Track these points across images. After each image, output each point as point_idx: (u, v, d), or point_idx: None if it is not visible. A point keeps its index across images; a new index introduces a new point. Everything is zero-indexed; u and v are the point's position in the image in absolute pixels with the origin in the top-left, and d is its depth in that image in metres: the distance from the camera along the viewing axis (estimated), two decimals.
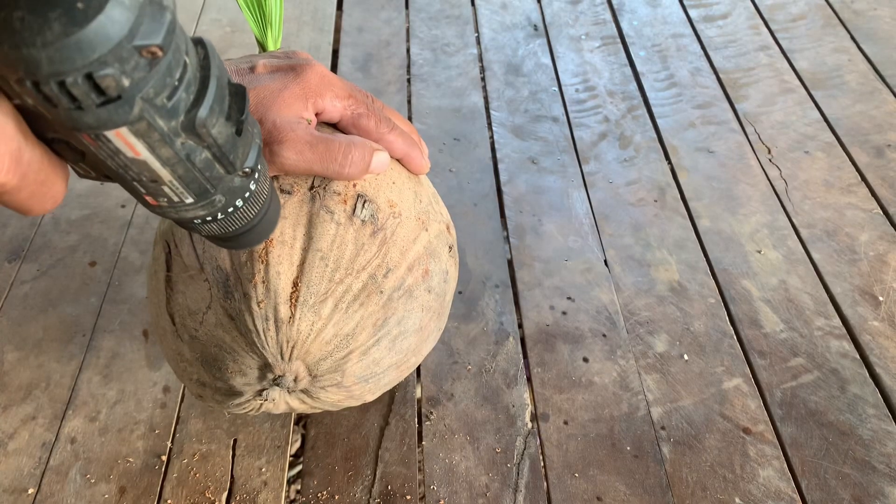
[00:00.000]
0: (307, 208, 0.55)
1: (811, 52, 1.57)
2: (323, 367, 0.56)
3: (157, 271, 0.61)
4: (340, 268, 0.55)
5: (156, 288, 0.61)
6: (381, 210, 0.58)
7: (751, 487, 0.85)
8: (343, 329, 0.55)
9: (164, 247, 0.60)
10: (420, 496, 0.84)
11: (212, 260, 0.54)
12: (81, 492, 0.82)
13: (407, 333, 0.63)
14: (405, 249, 0.61)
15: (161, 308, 0.60)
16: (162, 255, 0.60)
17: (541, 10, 1.70)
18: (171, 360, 0.63)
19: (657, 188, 1.25)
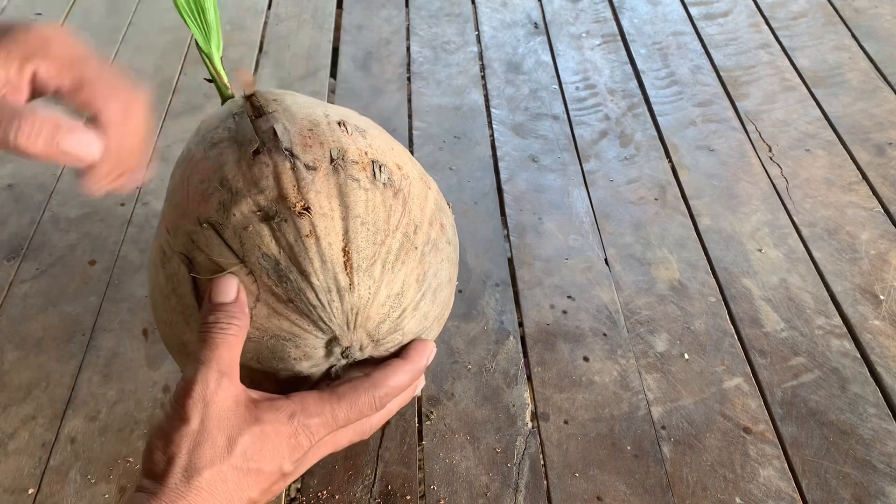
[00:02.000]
0: (334, 180, 0.56)
1: (812, 50, 1.56)
2: (383, 329, 0.58)
3: (178, 288, 0.59)
4: (379, 230, 0.57)
5: (177, 307, 0.59)
6: (393, 173, 0.60)
7: (751, 487, 0.85)
8: (393, 289, 0.57)
9: (183, 261, 0.58)
10: (420, 495, 0.84)
11: (255, 249, 0.54)
12: (81, 492, 0.82)
13: (442, 285, 0.66)
14: (423, 206, 0.63)
15: (191, 324, 0.58)
16: (181, 270, 0.58)
17: (541, 8, 1.70)
18: None
19: (658, 186, 1.25)
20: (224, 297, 0.52)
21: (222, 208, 0.56)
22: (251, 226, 0.55)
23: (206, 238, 0.56)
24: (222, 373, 0.49)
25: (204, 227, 0.56)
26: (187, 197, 0.59)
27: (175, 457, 0.46)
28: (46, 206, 1.16)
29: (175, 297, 0.59)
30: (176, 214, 0.60)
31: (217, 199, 0.57)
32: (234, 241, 0.55)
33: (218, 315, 0.51)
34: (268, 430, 0.49)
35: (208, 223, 0.56)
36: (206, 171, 0.59)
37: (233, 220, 0.55)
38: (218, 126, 0.63)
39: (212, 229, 0.56)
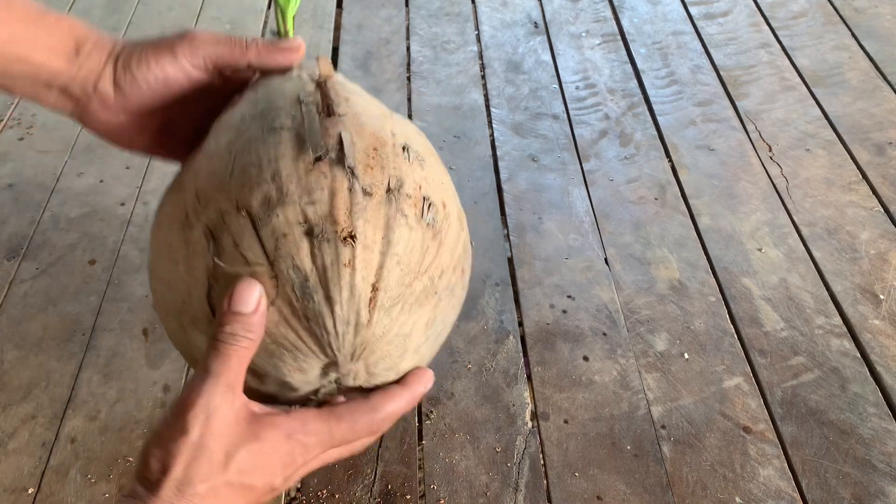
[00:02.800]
0: (384, 210, 0.54)
1: (812, 50, 1.56)
2: (381, 366, 0.56)
3: (192, 259, 0.56)
4: (410, 271, 0.55)
5: (184, 276, 0.56)
6: (438, 212, 0.59)
7: (751, 486, 0.85)
8: (403, 329, 0.55)
9: (207, 235, 0.55)
10: (420, 495, 0.84)
11: (287, 258, 0.52)
12: (81, 491, 0.82)
13: (446, 329, 0.64)
14: (453, 250, 0.61)
15: (195, 297, 0.55)
16: (202, 244, 0.55)
17: (541, 8, 1.70)
18: (195, 350, 0.59)
19: (657, 186, 1.25)
20: (245, 307, 0.50)
21: (267, 204, 0.53)
22: (291, 235, 0.52)
23: (239, 226, 0.53)
24: (229, 386, 0.49)
25: (241, 215, 0.53)
26: (230, 171, 0.55)
27: (171, 468, 0.46)
28: (46, 205, 1.16)
29: (185, 266, 0.56)
30: (212, 182, 0.56)
31: (263, 192, 0.53)
32: (268, 242, 0.52)
33: (235, 326, 0.50)
34: (266, 448, 0.49)
35: (247, 213, 0.53)
36: (258, 156, 0.55)
37: (274, 221, 0.52)
38: (282, 108, 0.59)
39: (249, 221, 0.53)
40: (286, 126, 0.57)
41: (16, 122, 1.31)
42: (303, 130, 0.57)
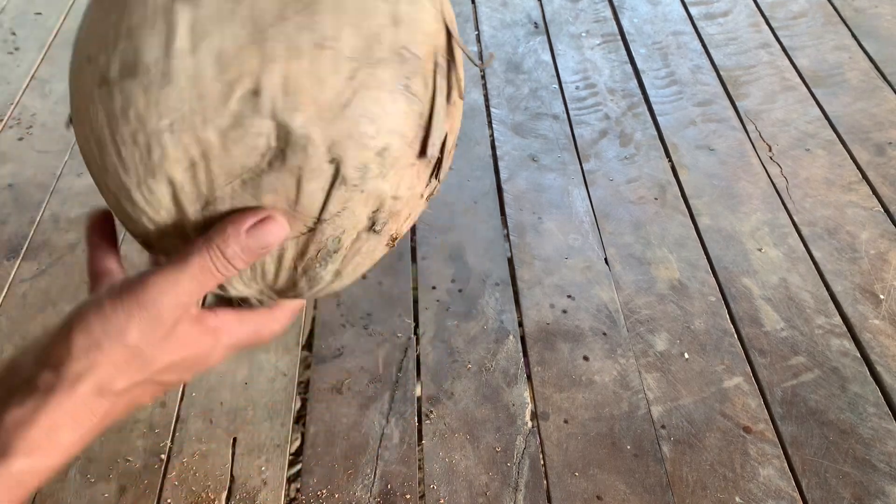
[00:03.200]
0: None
1: (812, 50, 1.56)
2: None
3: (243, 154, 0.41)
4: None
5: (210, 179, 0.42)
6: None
7: (751, 486, 0.85)
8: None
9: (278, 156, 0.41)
10: (420, 495, 0.84)
11: (337, 228, 0.45)
12: (81, 491, 0.82)
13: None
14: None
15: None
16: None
17: (541, 8, 1.70)
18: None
19: (657, 186, 1.25)
20: (265, 241, 0.43)
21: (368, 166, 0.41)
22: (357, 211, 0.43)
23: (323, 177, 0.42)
24: (197, 302, 0.44)
25: (331, 162, 0.41)
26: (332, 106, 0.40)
27: (96, 368, 0.42)
28: (46, 205, 1.16)
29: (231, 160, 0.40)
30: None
31: (374, 151, 0.41)
32: (335, 204, 0.43)
33: (242, 255, 0.43)
34: (192, 353, 0.45)
35: (336, 164, 0.41)
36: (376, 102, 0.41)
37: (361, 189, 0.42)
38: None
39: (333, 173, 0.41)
40: (407, 87, 0.43)
41: (15, 121, 1.31)
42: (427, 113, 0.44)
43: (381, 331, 1.01)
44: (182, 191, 0.41)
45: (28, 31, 1.54)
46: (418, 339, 1.00)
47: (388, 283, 1.07)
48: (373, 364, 0.97)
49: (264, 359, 0.97)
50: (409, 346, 0.99)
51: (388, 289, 1.06)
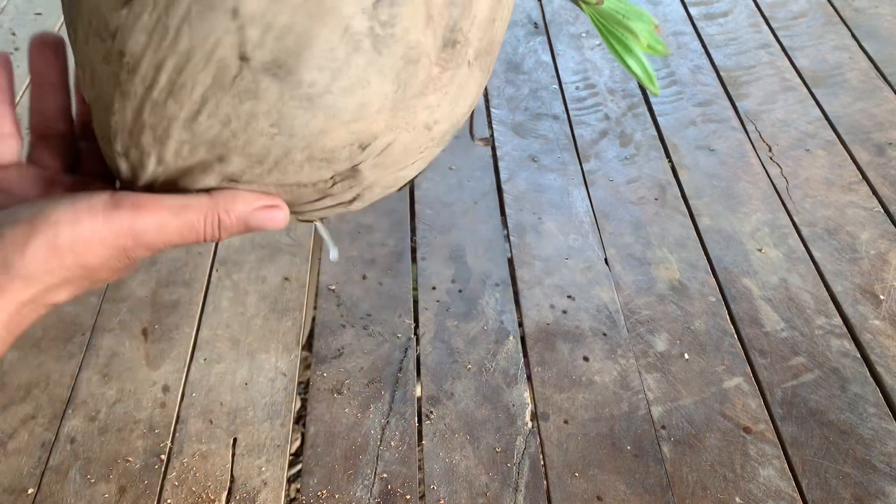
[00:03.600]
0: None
1: (812, 50, 1.56)
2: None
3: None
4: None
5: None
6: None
7: (751, 487, 0.85)
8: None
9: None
10: (420, 495, 0.84)
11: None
12: (81, 491, 0.82)
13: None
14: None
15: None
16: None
17: (541, 8, 1.70)
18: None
19: (658, 186, 1.25)
20: (263, 225, 0.41)
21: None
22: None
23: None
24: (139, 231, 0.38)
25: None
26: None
27: (46, 280, 0.37)
28: None
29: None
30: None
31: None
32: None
33: (235, 228, 0.40)
34: (122, 264, 0.39)
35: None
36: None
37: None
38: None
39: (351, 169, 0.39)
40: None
41: None
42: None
43: (381, 331, 1.01)
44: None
45: (28, 31, 1.54)
46: (418, 340, 1.00)
47: (388, 283, 1.07)
48: (373, 364, 0.97)
49: (264, 359, 0.97)
50: (409, 346, 0.99)
51: (388, 289, 1.06)
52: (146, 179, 0.38)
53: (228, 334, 0.99)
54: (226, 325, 1.00)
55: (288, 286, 1.06)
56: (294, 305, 1.03)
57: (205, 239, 0.40)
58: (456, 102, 0.40)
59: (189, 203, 0.38)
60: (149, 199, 0.38)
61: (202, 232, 0.39)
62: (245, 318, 1.01)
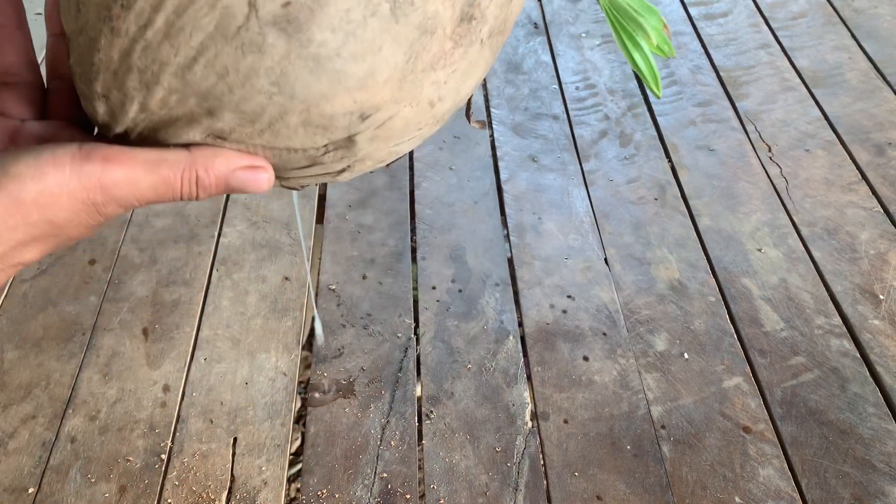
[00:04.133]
0: None
1: (812, 51, 1.56)
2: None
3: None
4: None
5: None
6: None
7: (751, 486, 0.85)
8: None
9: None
10: (420, 495, 0.84)
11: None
12: (81, 491, 0.82)
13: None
14: None
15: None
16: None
17: (541, 9, 1.70)
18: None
19: (657, 186, 1.25)
20: (245, 187, 0.38)
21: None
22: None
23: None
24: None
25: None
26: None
27: (9, 238, 0.35)
28: None
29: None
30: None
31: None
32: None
33: (214, 188, 0.38)
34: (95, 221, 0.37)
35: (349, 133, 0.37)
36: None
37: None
38: None
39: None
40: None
41: None
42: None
43: (381, 331, 1.01)
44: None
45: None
46: (418, 339, 1.01)
47: (388, 283, 1.07)
48: (373, 364, 0.97)
49: (265, 359, 0.97)
50: (409, 346, 0.99)
51: (388, 289, 1.06)
52: (124, 126, 0.35)
53: (229, 334, 0.99)
54: (226, 324, 1.00)
55: (288, 286, 1.06)
56: (294, 305, 1.03)
57: (181, 197, 0.38)
58: (463, 81, 0.38)
59: (166, 158, 0.36)
60: (120, 152, 0.35)
61: (178, 189, 0.37)
62: (245, 317, 1.01)
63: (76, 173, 0.34)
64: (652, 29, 0.54)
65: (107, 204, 0.35)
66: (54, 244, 0.37)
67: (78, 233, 0.36)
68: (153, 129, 0.35)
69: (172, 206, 1.17)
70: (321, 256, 1.11)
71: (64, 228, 0.36)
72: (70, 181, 0.34)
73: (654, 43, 0.53)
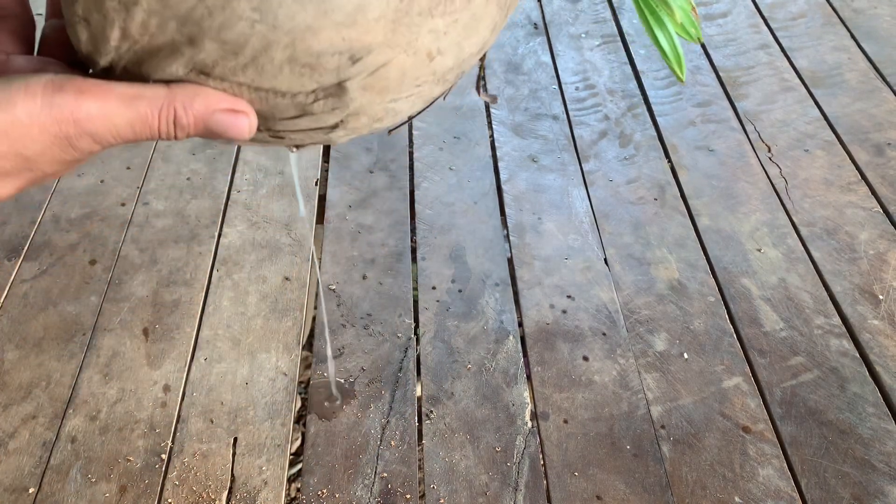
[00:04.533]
0: None
1: (811, 51, 1.57)
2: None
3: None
4: None
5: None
6: None
7: (750, 486, 0.85)
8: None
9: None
10: (420, 495, 0.84)
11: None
12: (82, 491, 0.82)
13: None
14: None
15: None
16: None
17: (541, 9, 1.70)
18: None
19: (657, 186, 1.25)
20: (224, 131, 0.37)
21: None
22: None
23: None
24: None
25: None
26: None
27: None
28: (47, 205, 1.16)
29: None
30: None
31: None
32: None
33: (192, 128, 0.37)
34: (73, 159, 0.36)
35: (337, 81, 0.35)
36: None
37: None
38: None
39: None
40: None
41: None
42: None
43: (381, 331, 1.01)
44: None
45: None
46: (418, 339, 1.01)
47: (388, 283, 1.07)
48: (373, 364, 0.97)
49: (265, 359, 0.97)
50: (409, 346, 1.00)
51: (388, 289, 1.07)
52: (108, 58, 0.34)
53: (229, 334, 0.99)
54: (226, 324, 1.01)
55: (288, 286, 1.06)
56: (294, 305, 1.04)
57: (159, 135, 0.36)
58: (466, 35, 0.35)
59: (143, 93, 0.34)
60: (95, 85, 0.34)
61: (156, 127, 0.35)
62: (246, 317, 1.02)
63: (48, 104, 0.32)
64: (678, 8, 0.51)
65: (80, 138, 0.34)
66: (28, 179, 0.36)
67: (52, 169, 0.35)
68: (136, 61, 0.33)
69: (173, 206, 1.17)
70: (321, 256, 1.11)
71: (37, 163, 0.34)
72: (41, 112, 0.32)
73: (678, 21, 0.51)
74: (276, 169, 1.25)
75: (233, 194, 1.20)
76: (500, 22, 0.37)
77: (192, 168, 1.24)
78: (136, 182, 1.21)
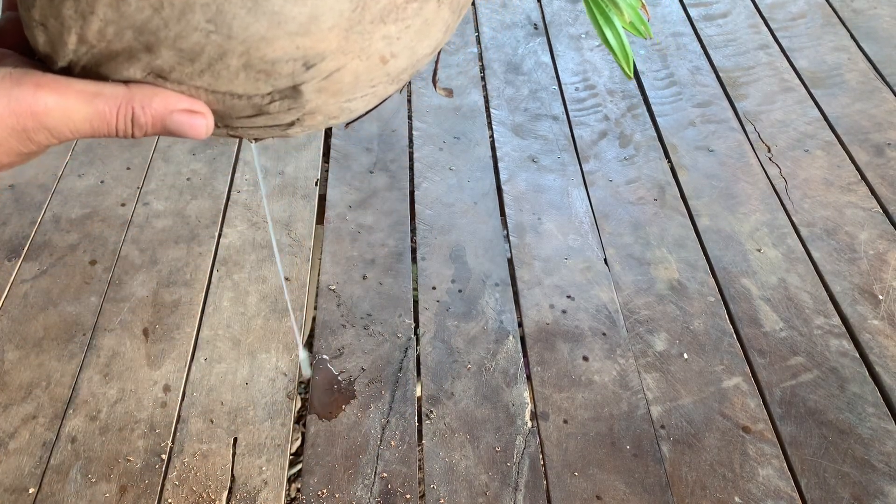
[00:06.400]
0: None
1: (811, 51, 1.57)
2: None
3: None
4: None
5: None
6: None
7: (750, 486, 0.85)
8: None
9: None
10: (420, 495, 0.84)
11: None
12: (82, 491, 0.82)
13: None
14: None
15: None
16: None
17: (541, 9, 1.70)
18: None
19: (657, 187, 1.25)
20: (181, 131, 0.37)
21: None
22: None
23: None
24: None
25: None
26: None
27: None
28: (47, 206, 1.16)
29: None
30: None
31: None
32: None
33: (149, 127, 0.37)
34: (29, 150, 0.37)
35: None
36: None
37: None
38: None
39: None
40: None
41: None
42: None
43: (381, 331, 1.01)
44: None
45: None
46: (418, 339, 1.01)
47: (388, 283, 1.07)
48: (373, 364, 0.97)
49: (265, 359, 0.97)
50: (409, 346, 1.00)
51: (388, 289, 1.07)
52: (66, 59, 0.34)
53: (229, 334, 1.00)
54: (226, 324, 1.01)
55: (288, 286, 1.06)
56: (294, 305, 1.04)
57: (116, 133, 0.36)
58: (418, 39, 0.36)
59: (102, 91, 0.35)
60: (54, 80, 0.34)
61: (114, 125, 0.36)
62: (245, 317, 1.02)
63: (5, 97, 0.33)
64: (627, 6, 0.52)
65: (37, 131, 0.34)
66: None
67: (8, 160, 0.35)
68: (94, 63, 0.34)
69: (173, 206, 1.17)
70: (321, 257, 1.11)
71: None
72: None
73: (626, 19, 0.51)
74: (277, 169, 1.25)
75: (233, 194, 1.20)
76: (452, 24, 0.38)
77: (193, 168, 1.24)
78: (136, 182, 1.21)
